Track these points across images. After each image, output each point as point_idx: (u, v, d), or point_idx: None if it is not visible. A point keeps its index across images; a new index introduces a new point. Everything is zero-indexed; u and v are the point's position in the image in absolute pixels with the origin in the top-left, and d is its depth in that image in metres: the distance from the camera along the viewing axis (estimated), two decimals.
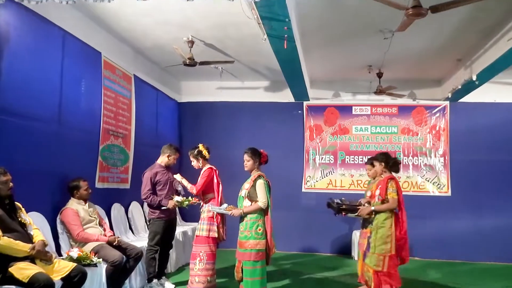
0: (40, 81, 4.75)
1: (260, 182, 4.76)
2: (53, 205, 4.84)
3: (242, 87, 9.03)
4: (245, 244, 4.70)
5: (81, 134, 5.51)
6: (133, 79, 7.00)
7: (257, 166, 4.91)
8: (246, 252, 4.70)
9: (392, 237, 4.78)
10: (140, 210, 6.90)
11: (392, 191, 4.83)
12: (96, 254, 4.35)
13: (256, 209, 4.73)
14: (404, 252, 4.85)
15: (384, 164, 4.98)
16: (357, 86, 8.74)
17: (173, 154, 5.58)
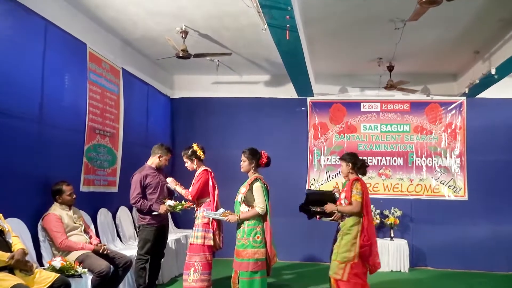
0: (20, 75, 4.74)
1: (257, 185, 4.76)
2: (34, 210, 4.84)
3: (240, 81, 9.04)
4: (242, 253, 4.70)
5: (64, 133, 5.51)
6: (121, 73, 7.00)
7: (253, 167, 4.91)
8: (244, 262, 4.69)
9: (357, 245, 4.82)
10: (129, 215, 6.91)
11: (356, 193, 4.87)
12: (81, 263, 4.36)
13: (253, 215, 4.73)
14: (372, 259, 4.85)
15: (351, 166, 5.04)
16: (365, 80, 8.75)
17: (165, 154, 5.59)
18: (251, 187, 4.78)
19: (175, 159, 8.94)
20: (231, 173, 8.09)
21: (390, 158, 8.67)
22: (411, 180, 8.58)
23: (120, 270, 4.86)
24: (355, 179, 4.97)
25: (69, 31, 5.62)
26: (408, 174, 8.59)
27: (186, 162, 5.52)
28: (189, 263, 5.24)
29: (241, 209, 4.82)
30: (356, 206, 4.82)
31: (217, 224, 5.32)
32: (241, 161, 4.96)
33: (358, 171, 5.07)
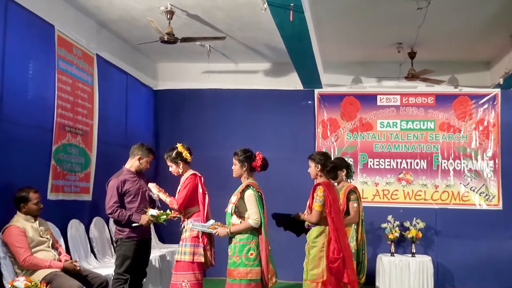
0: None
1: (249, 193, 4.75)
2: None
3: (236, 70, 9.05)
4: (234, 273, 4.70)
5: (28, 131, 5.50)
6: (96, 60, 7.00)
7: (246, 172, 4.90)
8: (235, 283, 4.68)
9: (324, 259, 4.85)
10: (105, 228, 6.91)
11: (315, 200, 4.91)
12: (48, 284, 4.34)
13: (246, 228, 4.73)
14: (347, 276, 4.84)
15: (320, 167, 5.07)
16: (383, 69, 8.75)
17: (146, 156, 5.58)
18: (243, 196, 4.77)
19: (158, 162, 8.94)
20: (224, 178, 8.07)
21: (412, 161, 8.68)
22: (436, 186, 8.59)
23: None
24: (317, 184, 5.02)
25: (34, 10, 5.61)
26: (433, 179, 8.61)
27: (170, 166, 5.50)
28: (176, 283, 5.23)
29: (232, 221, 4.82)
30: (314, 215, 4.89)
31: (208, 238, 5.31)
32: (233, 165, 4.96)
33: (327, 175, 5.11)
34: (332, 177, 5.19)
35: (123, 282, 5.36)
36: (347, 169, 5.75)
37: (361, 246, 5.49)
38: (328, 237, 4.87)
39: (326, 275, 4.82)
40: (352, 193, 5.62)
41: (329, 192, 4.95)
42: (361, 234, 5.52)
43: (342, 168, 5.70)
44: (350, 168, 5.79)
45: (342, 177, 5.73)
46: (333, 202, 4.92)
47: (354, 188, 5.66)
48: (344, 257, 4.81)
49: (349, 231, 5.45)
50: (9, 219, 4.83)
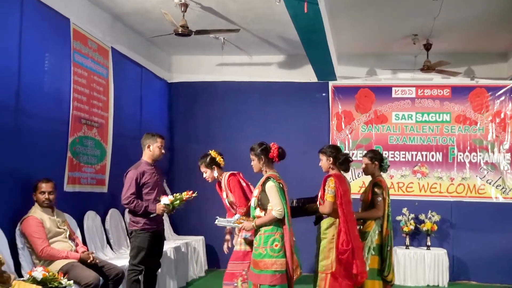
0: None
1: (270, 185, 4.77)
2: (11, 213, 4.91)
3: (250, 63, 9.05)
4: (259, 264, 4.74)
5: (45, 123, 5.57)
6: (111, 53, 7.05)
7: (265, 165, 4.93)
8: (261, 274, 4.73)
9: (334, 251, 4.90)
10: (120, 219, 6.99)
11: (328, 192, 4.96)
12: (65, 274, 4.41)
13: (270, 220, 4.76)
14: (357, 267, 4.88)
15: (332, 160, 5.12)
16: (398, 61, 8.72)
17: (153, 142, 5.58)
18: (264, 188, 4.80)
19: (173, 155, 9.02)
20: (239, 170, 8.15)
21: (427, 153, 8.65)
22: (451, 179, 8.56)
23: (110, 283, 4.92)
24: (328, 176, 5.07)
25: (49, 4, 5.65)
26: (448, 172, 8.57)
27: (204, 172, 5.58)
28: (234, 273, 5.28)
29: (256, 214, 4.85)
30: (327, 206, 4.95)
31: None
32: (251, 161, 5.00)
33: (340, 167, 5.15)
34: (344, 169, 5.21)
35: (138, 273, 5.43)
36: (380, 162, 5.68)
37: (386, 242, 5.38)
38: (338, 229, 4.92)
39: (335, 266, 4.87)
40: (377, 187, 5.50)
41: (340, 183, 5.01)
42: (386, 229, 5.41)
43: (376, 160, 5.63)
44: (384, 161, 5.71)
45: (374, 170, 5.63)
46: (343, 194, 4.97)
47: (380, 182, 5.54)
48: (353, 248, 4.85)
49: (371, 225, 5.40)
50: (27, 211, 4.91)
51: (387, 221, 5.46)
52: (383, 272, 5.37)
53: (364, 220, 5.51)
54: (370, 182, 5.65)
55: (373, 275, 5.31)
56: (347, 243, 4.84)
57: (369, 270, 5.23)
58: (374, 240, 5.36)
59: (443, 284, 7.83)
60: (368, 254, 5.29)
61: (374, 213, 5.44)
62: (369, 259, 5.29)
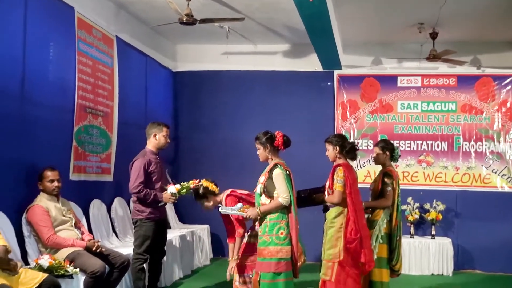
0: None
1: (277, 172, 4.78)
2: (17, 201, 4.94)
3: (255, 52, 9.03)
4: (264, 252, 4.76)
5: (50, 112, 5.58)
6: (115, 42, 7.04)
7: (272, 153, 4.93)
8: (265, 262, 4.74)
9: (342, 240, 4.91)
10: (126, 208, 7.02)
11: (337, 181, 4.96)
12: (71, 262, 4.46)
13: (276, 207, 4.77)
14: (364, 256, 4.90)
15: (339, 149, 5.12)
16: (403, 50, 8.67)
17: (159, 131, 5.59)
18: (271, 175, 4.80)
19: (178, 144, 9.04)
20: (243, 159, 8.18)
21: (433, 143, 8.63)
22: (457, 168, 8.55)
23: (116, 271, 4.95)
24: (336, 165, 5.07)
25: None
26: (454, 161, 8.56)
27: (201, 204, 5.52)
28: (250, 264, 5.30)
29: (261, 201, 4.86)
30: (336, 195, 4.96)
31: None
32: (257, 150, 5.00)
33: (347, 156, 5.16)
34: (351, 158, 5.21)
35: (143, 262, 5.46)
36: (391, 152, 5.67)
37: (395, 232, 5.38)
38: (347, 218, 4.94)
39: (343, 255, 4.88)
40: (388, 177, 5.48)
41: (349, 172, 5.02)
42: (396, 219, 5.40)
43: (387, 150, 5.61)
44: (395, 151, 5.70)
45: (385, 159, 5.61)
46: (352, 183, 4.98)
47: (390, 171, 5.53)
48: (361, 238, 4.87)
49: (380, 213, 5.40)
50: (33, 200, 4.93)
51: (397, 211, 5.45)
52: (391, 262, 5.39)
53: (372, 209, 5.52)
54: (381, 171, 5.64)
55: (381, 264, 5.34)
56: (356, 232, 4.85)
57: (377, 259, 5.26)
58: (382, 229, 5.36)
59: (447, 273, 7.85)
60: (376, 242, 5.31)
61: (383, 203, 5.43)
62: (377, 247, 5.31)
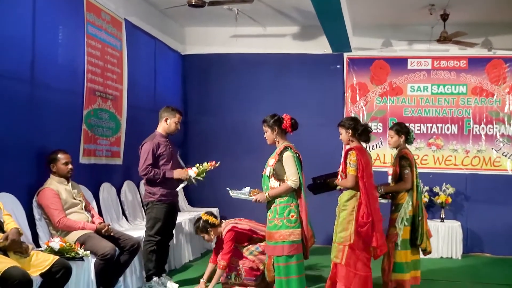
0: (6, 30, 4.77)
1: (288, 155, 4.77)
2: (28, 184, 4.97)
3: (264, 34, 8.97)
4: (276, 236, 4.77)
5: (59, 95, 5.57)
6: (124, 24, 7.01)
7: (279, 135, 4.92)
8: (278, 245, 4.77)
9: (353, 223, 4.92)
10: (135, 191, 7.04)
11: (349, 165, 4.95)
12: (82, 245, 4.48)
13: (285, 191, 4.77)
14: (376, 240, 4.91)
15: (351, 132, 5.09)
16: (414, 32, 8.59)
17: (172, 116, 5.61)
18: (281, 158, 4.79)
19: (187, 127, 9.03)
20: (252, 142, 8.15)
21: (443, 125, 8.57)
22: (467, 151, 8.49)
23: (126, 254, 4.98)
24: (349, 149, 5.05)
25: None
26: (464, 144, 8.50)
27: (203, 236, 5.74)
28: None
29: (270, 184, 4.85)
30: (349, 179, 4.94)
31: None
32: (264, 133, 4.98)
33: (360, 138, 5.14)
34: (364, 140, 5.19)
35: (154, 244, 5.50)
36: (406, 135, 5.66)
37: (416, 212, 5.43)
38: (359, 201, 4.93)
39: (354, 239, 4.89)
40: (404, 159, 5.49)
41: (362, 156, 4.98)
42: (416, 200, 5.44)
43: (402, 133, 5.60)
44: (410, 134, 5.70)
45: (400, 142, 5.61)
46: (365, 166, 4.96)
47: (406, 154, 5.53)
48: (373, 221, 4.86)
49: (404, 196, 5.43)
50: (43, 183, 4.95)
51: (417, 192, 5.47)
52: (415, 241, 5.43)
53: (392, 193, 5.54)
54: (397, 155, 5.64)
55: (406, 245, 5.41)
56: (368, 216, 4.85)
57: (402, 241, 5.35)
58: (408, 212, 5.39)
59: (456, 256, 7.85)
60: (401, 225, 5.35)
61: (402, 186, 5.46)
62: (402, 229, 5.36)
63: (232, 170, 8.40)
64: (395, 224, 5.36)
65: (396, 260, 5.37)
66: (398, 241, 5.35)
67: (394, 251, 5.37)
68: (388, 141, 5.84)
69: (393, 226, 5.41)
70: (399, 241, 5.34)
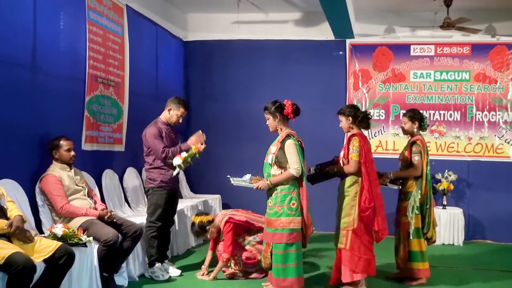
0: (7, 16, 4.76)
1: (290, 143, 4.76)
2: (31, 171, 4.98)
3: (266, 20, 8.92)
4: (276, 223, 4.78)
5: (61, 82, 5.56)
6: (126, 11, 6.97)
7: (281, 122, 4.91)
8: (277, 233, 4.79)
9: (356, 208, 5.00)
10: (138, 178, 7.06)
11: (352, 151, 5.02)
12: (85, 231, 4.50)
13: (287, 178, 4.77)
14: (377, 225, 5.01)
15: (352, 119, 5.16)
16: (417, 18, 8.54)
17: (176, 108, 5.61)
18: (283, 146, 4.78)
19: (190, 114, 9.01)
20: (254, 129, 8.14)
21: (445, 112, 8.55)
22: (469, 138, 8.47)
23: (128, 240, 4.99)
24: (352, 135, 5.11)
25: None
26: (466, 131, 8.49)
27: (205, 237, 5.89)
28: None
29: (272, 172, 4.85)
30: (352, 165, 5.01)
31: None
32: (266, 120, 4.97)
33: (360, 125, 5.20)
34: (364, 127, 5.24)
35: (155, 230, 5.53)
36: (420, 122, 5.67)
37: (425, 200, 5.47)
38: (361, 187, 5.02)
39: (357, 224, 4.95)
40: (415, 145, 5.53)
41: (364, 142, 5.07)
42: (425, 188, 5.47)
43: (416, 120, 5.64)
44: (423, 121, 5.71)
45: (414, 129, 5.64)
46: (367, 152, 5.05)
47: (418, 140, 5.55)
48: (375, 206, 4.96)
49: (413, 185, 5.47)
50: (46, 169, 4.97)
51: (426, 179, 5.51)
52: (423, 229, 5.49)
53: (402, 179, 5.57)
54: (409, 141, 5.67)
55: (418, 234, 5.48)
56: (370, 201, 4.94)
57: (415, 230, 5.42)
58: (417, 200, 5.44)
59: (458, 243, 7.87)
60: (412, 213, 5.41)
61: (412, 172, 5.50)
62: (414, 218, 5.42)
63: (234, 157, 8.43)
64: (406, 213, 5.42)
65: (411, 249, 5.47)
66: (410, 230, 5.42)
67: (408, 240, 5.46)
68: (401, 127, 5.87)
69: (405, 215, 5.47)
70: (411, 230, 5.41)
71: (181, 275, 5.70)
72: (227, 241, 5.46)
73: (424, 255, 5.49)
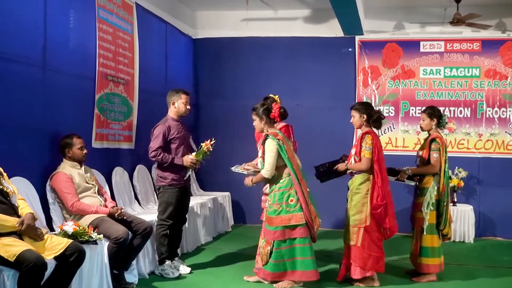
0: (18, 14, 4.76)
1: (267, 143, 4.84)
2: (42, 168, 4.98)
3: (275, 18, 8.90)
4: (276, 221, 4.82)
5: (71, 80, 5.56)
6: (135, 8, 6.97)
7: (267, 124, 4.99)
8: (277, 230, 4.81)
9: (368, 205, 5.03)
10: (148, 175, 7.06)
11: (365, 148, 5.04)
12: (95, 229, 4.50)
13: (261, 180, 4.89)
14: (389, 222, 5.05)
15: (366, 117, 5.18)
16: (427, 14, 8.49)
17: (178, 98, 5.60)
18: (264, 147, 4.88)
19: (199, 112, 9.02)
20: None
21: (455, 109, 8.49)
22: (479, 135, 8.41)
23: (138, 238, 4.99)
24: (365, 133, 5.12)
25: None
26: (477, 127, 8.42)
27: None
28: None
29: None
30: (364, 163, 5.04)
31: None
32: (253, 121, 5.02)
33: (372, 124, 5.22)
34: (376, 127, 5.27)
35: (166, 228, 5.51)
36: (438, 119, 5.65)
37: (442, 197, 5.46)
38: (372, 184, 5.05)
39: (369, 221, 5.00)
40: (434, 143, 5.52)
41: (377, 140, 5.11)
42: (443, 185, 5.46)
43: (434, 117, 5.63)
44: (442, 118, 5.69)
45: (432, 126, 5.63)
46: (379, 150, 5.08)
47: (437, 138, 5.54)
48: (386, 204, 4.99)
49: (430, 181, 5.47)
50: (56, 167, 4.97)
51: (444, 176, 5.49)
52: (439, 226, 5.48)
53: (420, 176, 5.56)
54: (427, 138, 5.66)
55: (432, 230, 5.47)
56: (382, 198, 4.97)
57: (428, 225, 5.43)
58: (433, 196, 5.44)
59: (469, 240, 7.82)
60: (427, 209, 5.41)
61: (430, 169, 5.48)
62: (428, 214, 5.42)
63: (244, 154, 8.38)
64: (421, 209, 5.41)
65: (422, 244, 5.46)
66: (424, 226, 5.42)
67: (421, 235, 5.46)
68: (420, 124, 5.86)
69: (420, 210, 5.46)
70: (425, 225, 5.41)
71: (191, 273, 5.69)
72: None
73: (436, 251, 5.47)
